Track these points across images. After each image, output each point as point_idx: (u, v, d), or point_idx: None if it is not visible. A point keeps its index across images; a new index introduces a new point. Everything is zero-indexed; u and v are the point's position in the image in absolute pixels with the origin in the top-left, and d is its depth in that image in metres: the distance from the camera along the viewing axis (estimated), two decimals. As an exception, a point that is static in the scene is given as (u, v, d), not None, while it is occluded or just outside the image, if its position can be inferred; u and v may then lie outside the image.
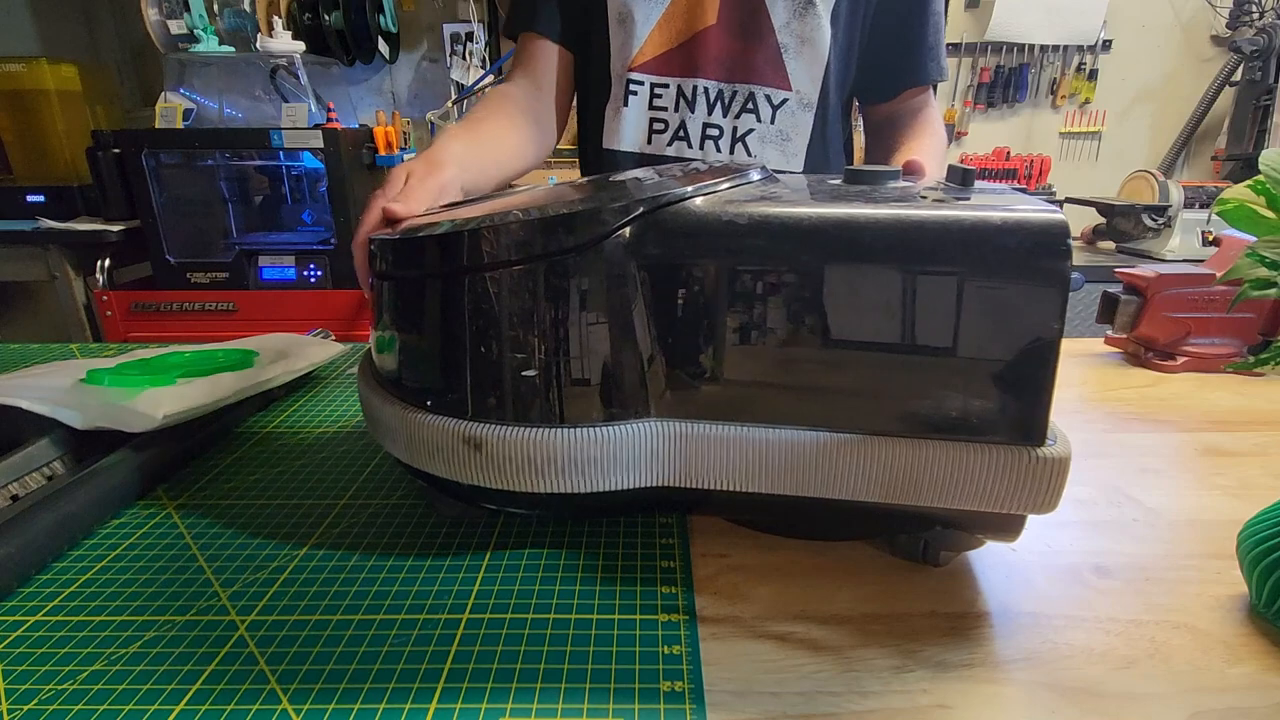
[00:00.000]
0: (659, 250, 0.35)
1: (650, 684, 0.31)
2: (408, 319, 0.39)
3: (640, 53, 0.75)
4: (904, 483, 0.35)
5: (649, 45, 0.75)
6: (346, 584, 0.38)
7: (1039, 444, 0.33)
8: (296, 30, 2.13)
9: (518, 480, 0.36)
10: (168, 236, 1.97)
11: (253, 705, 0.30)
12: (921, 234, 0.32)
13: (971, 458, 0.33)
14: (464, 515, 0.44)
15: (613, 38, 0.76)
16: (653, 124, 0.78)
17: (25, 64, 2.04)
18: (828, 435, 0.35)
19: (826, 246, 0.33)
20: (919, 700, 0.30)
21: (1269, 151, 0.34)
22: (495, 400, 0.36)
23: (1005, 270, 0.32)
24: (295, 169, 2.13)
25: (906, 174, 0.48)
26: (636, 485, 0.37)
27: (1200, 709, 0.30)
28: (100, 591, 0.38)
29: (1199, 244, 1.78)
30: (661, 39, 0.75)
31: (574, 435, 0.36)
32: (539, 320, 0.35)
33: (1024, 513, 0.35)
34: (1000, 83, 2.32)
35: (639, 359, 0.36)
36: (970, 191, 0.37)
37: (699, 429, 0.36)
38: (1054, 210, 0.32)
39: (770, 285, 0.34)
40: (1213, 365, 0.69)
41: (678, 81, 0.76)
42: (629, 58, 0.76)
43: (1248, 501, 0.46)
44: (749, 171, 0.41)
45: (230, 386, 0.53)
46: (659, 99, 0.77)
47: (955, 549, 0.39)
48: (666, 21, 0.74)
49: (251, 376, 0.57)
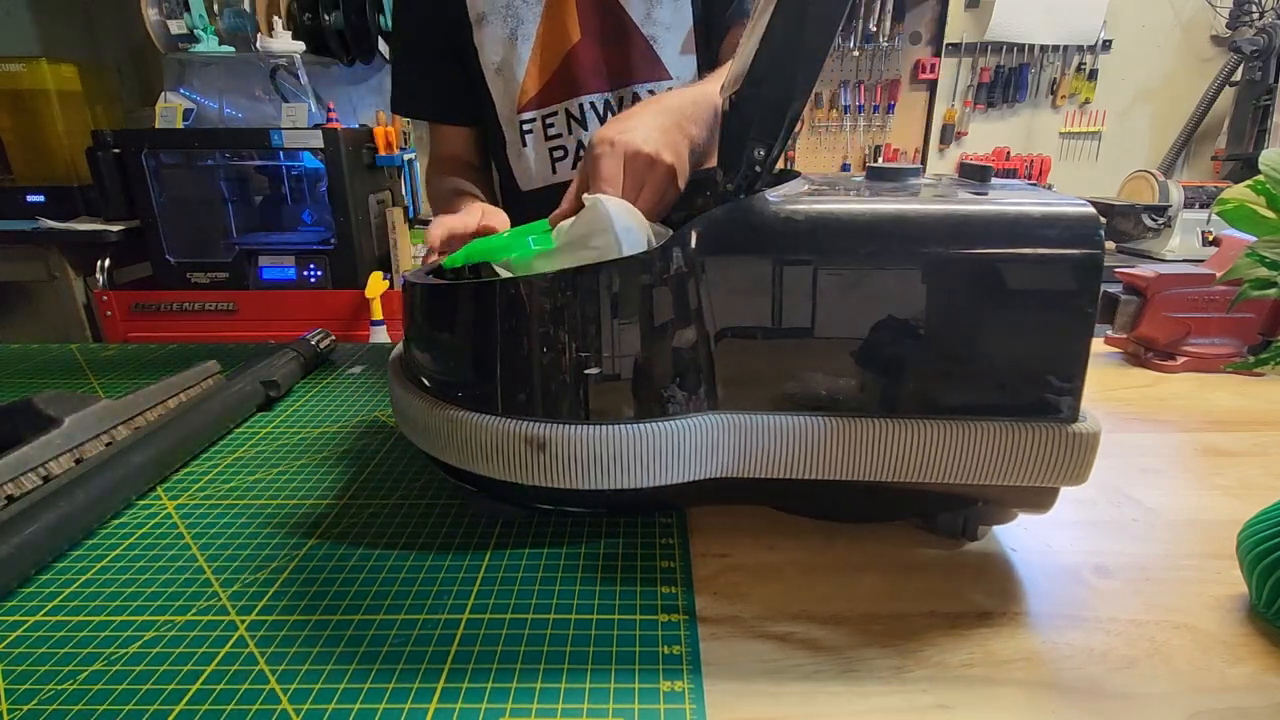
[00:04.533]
0: (723, 249, 0.36)
1: (650, 684, 0.31)
2: (471, 323, 0.39)
3: (523, 91, 0.77)
4: (959, 463, 0.36)
5: (529, 82, 0.77)
6: (346, 584, 0.38)
7: (1074, 420, 0.36)
8: (296, 30, 2.13)
9: (584, 478, 0.37)
10: (168, 236, 1.97)
11: (253, 705, 0.30)
12: (970, 227, 0.35)
13: (1017, 436, 0.36)
14: (511, 516, 0.44)
15: (493, 89, 0.78)
16: (553, 154, 0.79)
17: (25, 64, 2.04)
18: (889, 421, 0.36)
19: (883, 240, 0.35)
20: (919, 700, 0.30)
21: (1269, 151, 0.34)
22: (560, 399, 0.37)
23: (1045, 258, 0.34)
24: (295, 169, 2.13)
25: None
26: (699, 477, 0.38)
27: (1200, 709, 0.30)
28: (100, 591, 0.38)
29: (1199, 244, 1.78)
30: (538, 72, 0.76)
31: (638, 431, 0.36)
32: (604, 320, 0.36)
33: (1060, 485, 0.37)
34: (1000, 83, 2.32)
35: (704, 354, 0.37)
36: (988, 186, 0.39)
37: (762, 420, 0.37)
38: (1085, 204, 0.34)
39: (828, 280, 0.35)
40: (1213, 365, 0.69)
41: (564, 105, 0.77)
42: (514, 101, 0.77)
43: (1248, 501, 0.46)
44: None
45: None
46: (551, 128, 0.78)
47: (990, 524, 0.42)
48: (538, 53, 0.76)
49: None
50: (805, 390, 0.37)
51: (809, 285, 0.35)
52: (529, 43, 0.75)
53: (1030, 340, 0.35)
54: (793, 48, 0.33)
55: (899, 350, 0.36)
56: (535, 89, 0.77)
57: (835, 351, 0.36)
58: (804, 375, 0.37)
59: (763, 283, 0.36)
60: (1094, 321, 0.34)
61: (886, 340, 0.36)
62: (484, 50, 0.76)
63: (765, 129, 0.35)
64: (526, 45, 0.75)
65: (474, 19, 0.75)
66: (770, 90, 0.34)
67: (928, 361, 0.36)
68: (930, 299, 0.35)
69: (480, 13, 0.75)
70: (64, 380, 0.69)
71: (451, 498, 0.47)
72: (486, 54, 0.76)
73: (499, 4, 0.74)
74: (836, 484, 0.38)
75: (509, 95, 0.77)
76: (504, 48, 0.75)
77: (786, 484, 0.38)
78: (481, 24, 0.75)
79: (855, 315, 0.36)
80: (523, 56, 0.75)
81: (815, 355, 0.37)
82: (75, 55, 2.20)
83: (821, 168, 2.44)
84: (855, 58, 2.31)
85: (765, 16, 0.34)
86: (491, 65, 0.76)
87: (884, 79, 2.34)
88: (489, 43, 0.75)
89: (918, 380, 0.36)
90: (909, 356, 0.36)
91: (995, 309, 0.35)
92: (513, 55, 0.75)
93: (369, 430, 0.57)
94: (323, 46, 2.17)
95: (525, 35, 0.75)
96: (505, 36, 0.75)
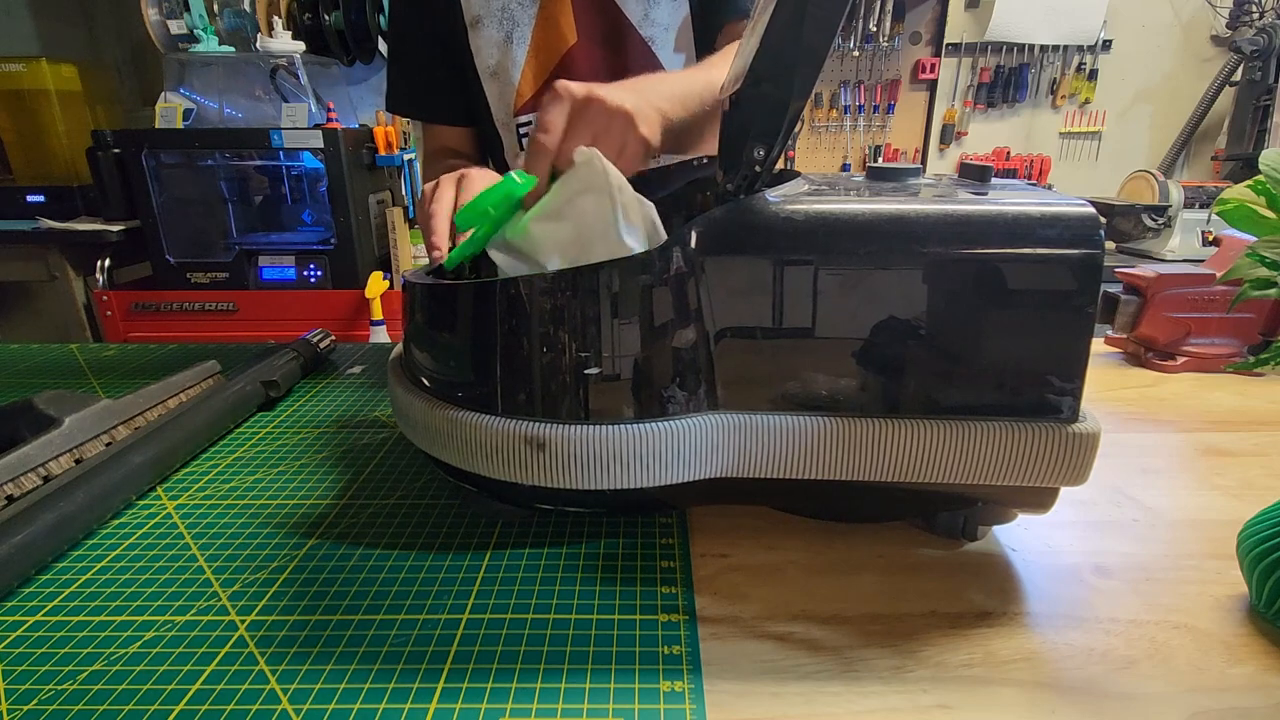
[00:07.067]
0: (722, 249, 0.36)
1: (650, 684, 0.31)
2: (471, 323, 0.39)
3: (519, 94, 0.76)
4: (959, 463, 0.36)
5: (525, 85, 0.76)
6: (346, 584, 0.38)
7: (1074, 420, 0.36)
8: (296, 30, 2.13)
9: (583, 478, 0.37)
10: (168, 236, 1.97)
11: (253, 705, 0.30)
12: (970, 227, 0.35)
13: (1017, 436, 0.36)
14: (511, 516, 0.44)
15: (489, 92, 0.77)
16: None
17: (25, 64, 2.04)
18: (889, 421, 0.36)
19: (883, 240, 0.35)
20: (919, 700, 0.30)
21: (1269, 151, 0.34)
22: (560, 399, 0.37)
23: (1045, 258, 0.34)
24: (295, 169, 2.13)
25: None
26: (699, 477, 0.38)
27: (1200, 709, 0.30)
28: (100, 591, 0.38)
29: (1199, 244, 1.78)
30: (534, 75, 0.75)
31: (638, 431, 0.36)
32: (604, 320, 0.36)
33: (1060, 485, 0.37)
34: (1000, 83, 2.32)
35: (704, 354, 0.37)
36: (987, 186, 0.39)
37: (762, 420, 0.37)
38: (1085, 204, 0.34)
39: (827, 280, 0.35)
40: (1213, 365, 0.69)
41: None
42: (510, 104, 0.77)
43: (1248, 501, 0.46)
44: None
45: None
46: None
47: (990, 524, 0.42)
48: (533, 56, 0.75)
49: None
50: (805, 390, 0.37)
51: (809, 285, 0.35)
52: (524, 45, 0.74)
53: (1030, 340, 0.35)
54: (793, 48, 0.33)
55: (898, 350, 0.36)
56: (531, 92, 0.76)
57: (835, 351, 0.36)
58: (803, 375, 0.37)
59: (762, 283, 0.36)
60: (1094, 321, 0.34)
61: (886, 340, 0.36)
62: (479, 54, 0.76)
63: (765, 129, 0.35)
64: (522, 48, 0.75)
65: (469, 22, 0.75)
66: (770, 90, 0.34)
67: (927, 361, 0.36)
68: (930, 299, 0.35)
69: (475, 16, 0.74)
70: (64, 380, 0.69)
71: (451, 498, 0.47)
72: (482, 57, 0.76)
73: (494, 7, 0.74)
74: (837, 484, 0.38)
75: (505, 99, 0.77)
76: (499, 51, 0.75)
77: (787, 484, 0.38)
78: (477, 27, 0.75)
79: (855, 315, 0.36)
80: (518, 59, 0.75)
81: (815, 355, 0.37)
82: (75, 55, 2.20)
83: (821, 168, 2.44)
84: (855, 58, 2.31)
85: (765, 16, 0.34)
86: (487, 69, 0.76)
87: (884, 79, 2.34)
88: (484, 46, 0.75)
89: (917, 380, 0.36)
90: (908, 356, 0.36)
91: (995, 309, 0.35)
92: (508, 58, 0.75)
93: (369, 430, 0.57)
94: (323, 46, 2.17)
95: (521, 38, 0.74)
96: (501, 39, 0.75)
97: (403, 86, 0.82)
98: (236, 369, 0.63)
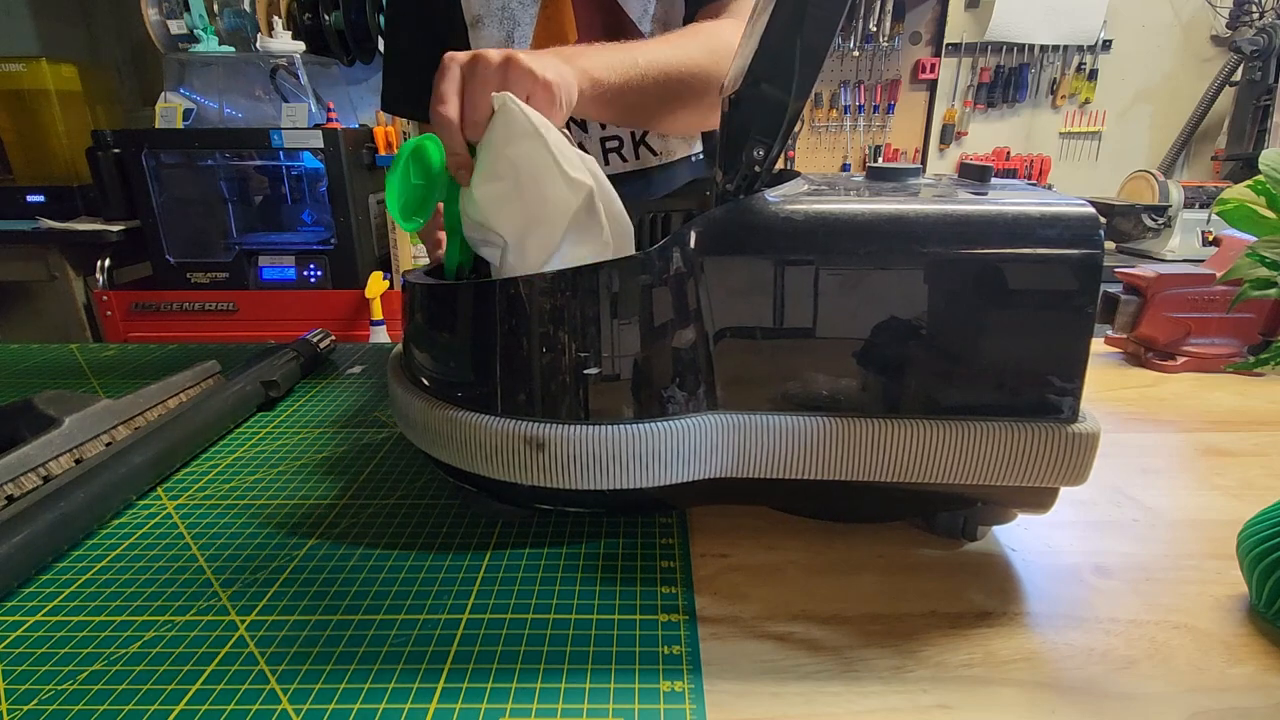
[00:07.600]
0: (722, 249, 0.36)
1: (650, 684, 0.31)
2: (471, 323, 0.39)
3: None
4: (959, 463, 0.36)
5: None
6: (346, 584, 0.38)
7: (1074, 420, 0.36)
8: (296, 30, 2.13)
9: (583, 478, 0.37)
10: (168, 236, 1.97)
11: (253, 705, 0.30)
12: (970, 227, 0.35)
13: (1017, 436, 0.36)
14: (511, 516, 0.44)
15: None
16: None
17: (25, 64, 2.04)
18: (889, 421, 0.36)
19: (883, 240, 0.35)
20: (919, 700, 0.30)
21: (1269, 151, 0.34)
22: (559, 399, 0.37)
23: (1045, 258, 0.34)
24: (295, 169, 2.13)
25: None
26: (699, 477, 0.38)
27: (1200, 709, 0.30)
28: (100, 591, 0.38)
29: (1199, 244, 1.78)
30: None
31: (638, 431, 0.36)
32: (604, 320, 0.36)
33: (1060, 485, 0.37)
34: (1000, 83, 2.32)
35: (703, 354, 0.37)
36: (987, 186, 0.39)
37: (762, 420, 0.37)
38: (1085, 204, 0.35)
39: (827, 280, 0.35)
40: (1213, 365, 0.69)
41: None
42: None
43: (1248, 501, 0.46)
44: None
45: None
46: None
47: (990, 524, 0.42)
48: None
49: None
50: (805, 390, 0.37)
51: (809, 285, 0.35)
52: (525, 45, 0.74)
53: (1030, 340, 0.35)
54: (792, 48, 0.33)
55: (898, 350, 0.36)
56: None
57: (834, 351, 0.36)
58: (803, 375, 0.37)
59: (762, 283, 0.36)
60: (1094, 321, 0.34)
61: (886, 340, 0.36)
62: None
63: (765, 129, 0.35)
64: (523, 48, 0.74)
65: (469, 21, 0.75)
66: (770, 90, 0.34)
67: (927, 361, 0.36)
68: (930, 299, 0.35)
69: (476, 15, 0.74)
70: (64, 380, 0.69)
71: (451, 498, 0.47)
72: None
73: (494, 6, 0.74)
74: (837, 484, 0.38)
75: None
76: None
77: (787, 484, 0.38)
78: (477, 27, 0.75)
79: (854, 315, 0.36)
80: None
81: (814, 355, 0.37)
82: (75, 55, 2.20)
83: (821, 168, 2.44)
84: (855, 58, 2.31)
85: (765, 16, 0.34)
86: None
87: (884, 79, 2.34)
88: (485, 45, 0.75)
89: (917, 380, 0.36)
90: (908, 356, 0.36)
91: (995, 309, 0.35)
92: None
93: (369, 430, 0.57)
94: (323, 46, 2.17)
95: (522, 38, 0.74)
96: (502, 40, 0.74)
97: (399, 86, 0.81)
98: (236, 369, 0.63)
